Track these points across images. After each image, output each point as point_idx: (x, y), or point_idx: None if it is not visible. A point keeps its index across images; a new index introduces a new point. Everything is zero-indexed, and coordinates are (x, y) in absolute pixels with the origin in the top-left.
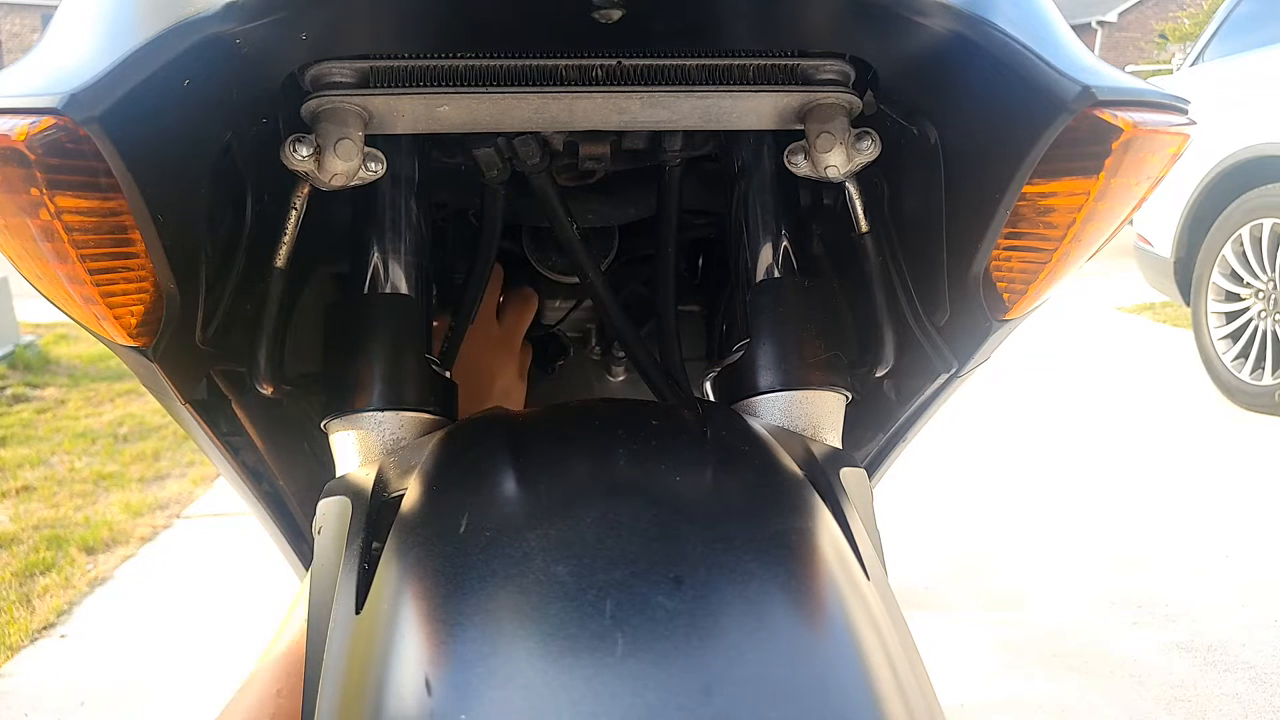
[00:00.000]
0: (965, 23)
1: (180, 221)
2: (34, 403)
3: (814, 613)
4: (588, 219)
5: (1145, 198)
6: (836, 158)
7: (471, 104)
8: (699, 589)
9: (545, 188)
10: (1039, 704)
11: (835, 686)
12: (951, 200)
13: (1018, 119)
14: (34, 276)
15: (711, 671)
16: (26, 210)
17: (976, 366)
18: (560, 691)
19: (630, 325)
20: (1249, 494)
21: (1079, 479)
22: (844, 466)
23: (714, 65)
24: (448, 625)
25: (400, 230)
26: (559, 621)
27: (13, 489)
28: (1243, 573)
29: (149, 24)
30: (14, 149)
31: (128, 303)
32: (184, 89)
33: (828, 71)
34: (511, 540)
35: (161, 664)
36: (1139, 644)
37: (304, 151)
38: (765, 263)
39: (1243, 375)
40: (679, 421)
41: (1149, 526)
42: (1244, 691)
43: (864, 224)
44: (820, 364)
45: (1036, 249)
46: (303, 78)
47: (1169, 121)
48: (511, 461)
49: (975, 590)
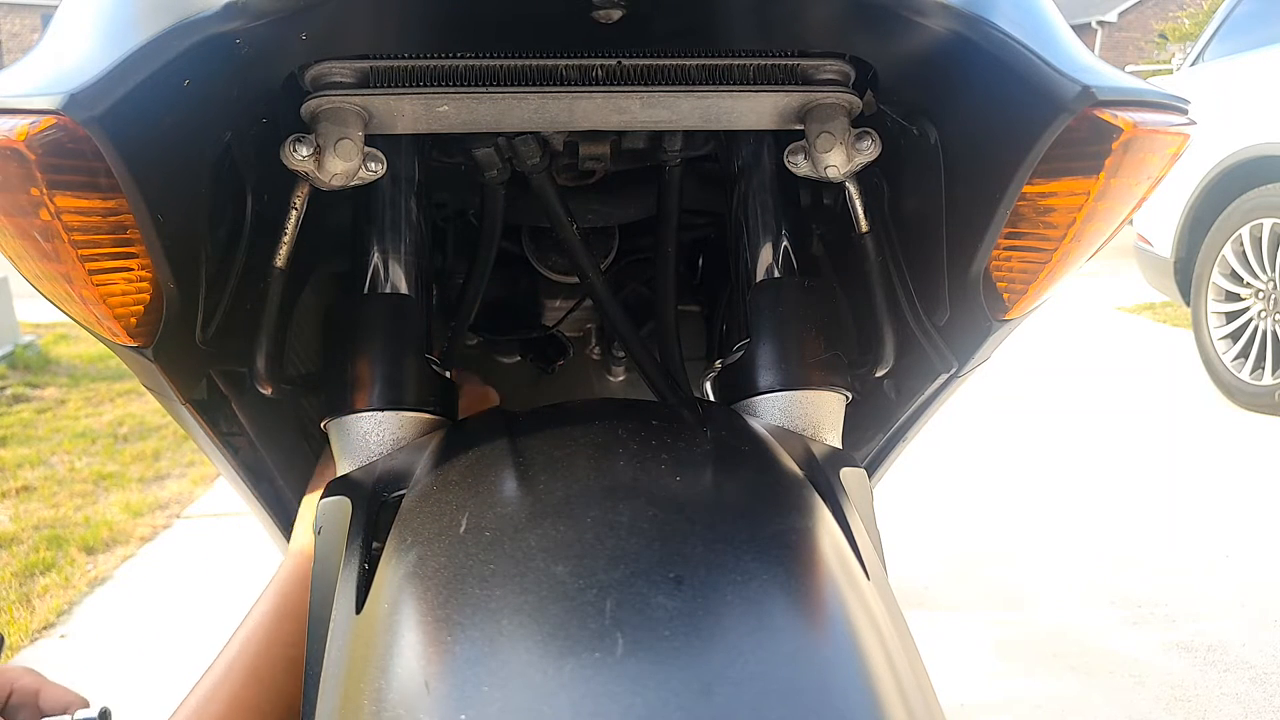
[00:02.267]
0: (965, 23)
1: (180, 221)
2: (34, 403)
3: (814, 612)
4: (588, 219)
5: (1145, 197)
6: (836, 158)
7: (471, 104)
8: (699, 589)
9: (545, 188)
10: (1039, 704)
11: (835, 686)
12: (951, 200)
13: (1018, 119)
14: (34, 276)
15: (711, 671)
16: (27, 210)
17: (976, 366)
18: (560, 691)
19: (630, 325)
20: (1249, 494)
21: (1079, 478)
22: (844, 466)
23: (714, 65)
24: (448, 625)
25: (400, 230)
26: (559, 621)
27: (13, 489)
28: (1243, 573)
29: (149, 24)
30: (14, 149)
31: (127, 302)
32: (184, 89)
33: (828, 71)
34: (511, 540)
35: (161, 664)
36: (1139, 644)
37: (304, 151)
38: (765, 263)
39: (1243, 375)
40: (679, 421)
41: (1149, 526)
42: (1244, 691)
43: (864, 224)
44: (820, 364)
45: (1036, 249)
46: (303, 78)
47: (1169, 121)
48: (511, 461)
49: (975, 590)
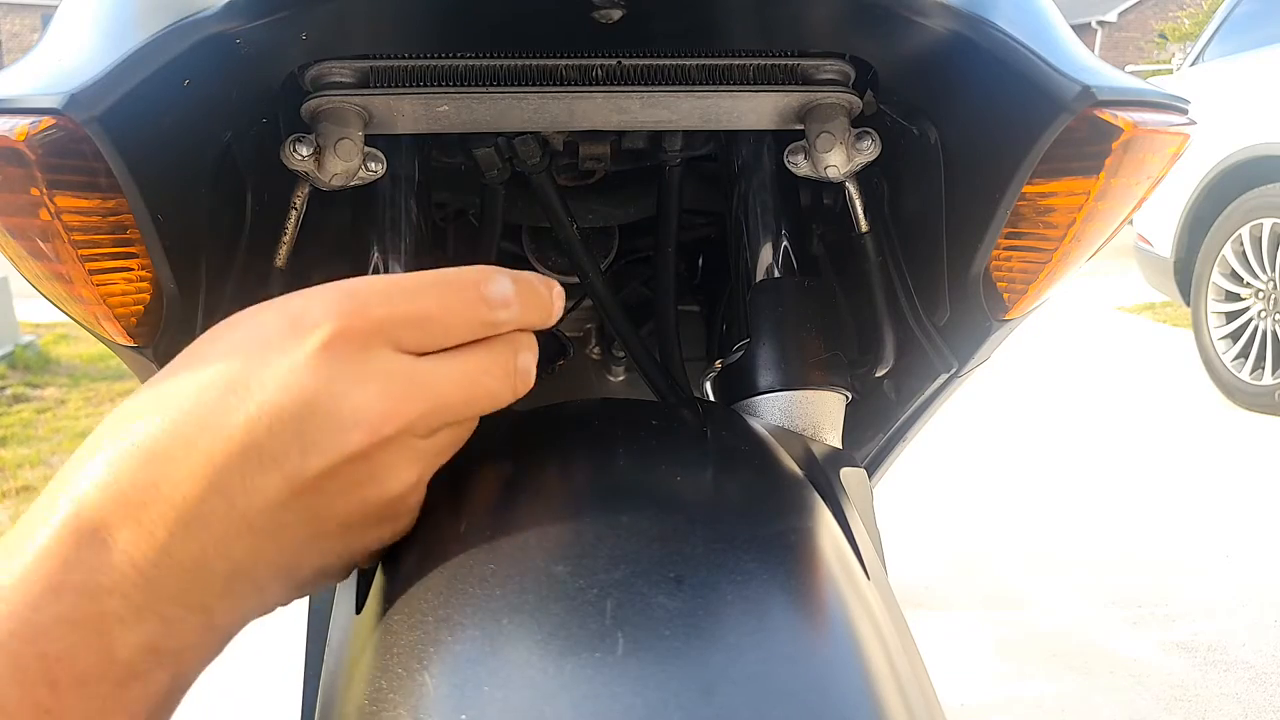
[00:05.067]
0: (965, 22)
1: (180, 221)
2: (34, 403)
3: (814, 613)
4: (588, 219)
5: (1145, 198)
6: (836, 157)
7: (471, 104)
8: (699, 589)
9: (545, 188)
10: (1039, 704)
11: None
12: (951, 200)
13: (1018, 119)
14: (34, 276)
15: (712, 671)
16: (26, 210)
17: (977, 366)
18: (560, 692)
19: (630, 325)
20: (1249, 494)
21: (1079, 478)
22: (844, 466)
23: (714, 65)
24: (447, 625)
25: (400, 230)
26: (559, 621)
27: (13, 489)
28: (1243, 573)
29: (149, 24)
30: (14, 149)
31: (127, 302)
32: (184, 89)
33: (828, 71)
34: (511, 539)
35: None
36: (1139, 644)
37: (304, 151)
38: (765, 262)
39: (1243, 375)
40: (679, 421)
41: (1149, 526)
42: (1244, 691)
43: (864, 224)
44: (820, 364)
45: (1037, 249)
46: (303, 77)
47: (1169, 121)
48: (511, 461)
49: (975, 590)
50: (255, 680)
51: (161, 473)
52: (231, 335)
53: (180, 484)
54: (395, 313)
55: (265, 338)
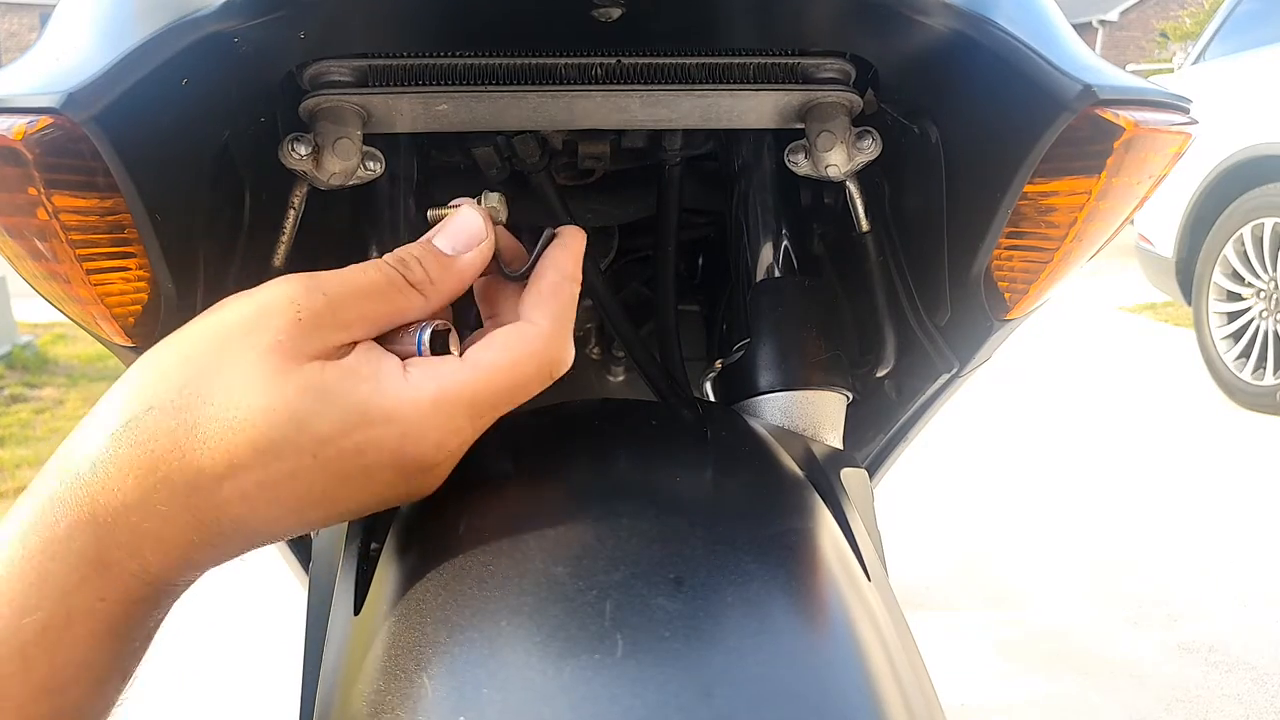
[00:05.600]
0: (966, 21)
1: (178, 221)
2: (32, 403)
3: (815, 614)
4: (587, 218)
5: (1147, 197)
6: (837, 157)
7: (470, 103)
8: (699, 590)
9: (545, 187)
10: (1039, 704)
11: (836, 688)
12: (952, 199)
13: (1019, 118)
14: (32, 276)
15: (711, 673)
16: (24, 210)
17: (978, 366)
18: (560, 693)
19: (630, 325)
20: (1250, 494)
21: (1080, 478)
22: (844, 467)
23: (714, 64)
24: (447, 626)
25: (399, 230)
26: (558, 622)
27: (11, 489)
28: (1243, 573)
29: (147, 23)
30: (11, 148)
31: (125, 302)
32: (182, 88)
33: (828, 70)
34: (511, 541)
35: (161, 663)
36: (1139, 644)
37: (302, 150)
38: (766, 262)
39: (1244, 375)
40: (679, 421)
41: (1150, 526)
42: (1245, 692)
43: (865, 223)
44: (821, 364)
45: (1038, 248)
46: (301, 76)
47: (1170, 120)
48: (511, 461)
49: (975, 590)
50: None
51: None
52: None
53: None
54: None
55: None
